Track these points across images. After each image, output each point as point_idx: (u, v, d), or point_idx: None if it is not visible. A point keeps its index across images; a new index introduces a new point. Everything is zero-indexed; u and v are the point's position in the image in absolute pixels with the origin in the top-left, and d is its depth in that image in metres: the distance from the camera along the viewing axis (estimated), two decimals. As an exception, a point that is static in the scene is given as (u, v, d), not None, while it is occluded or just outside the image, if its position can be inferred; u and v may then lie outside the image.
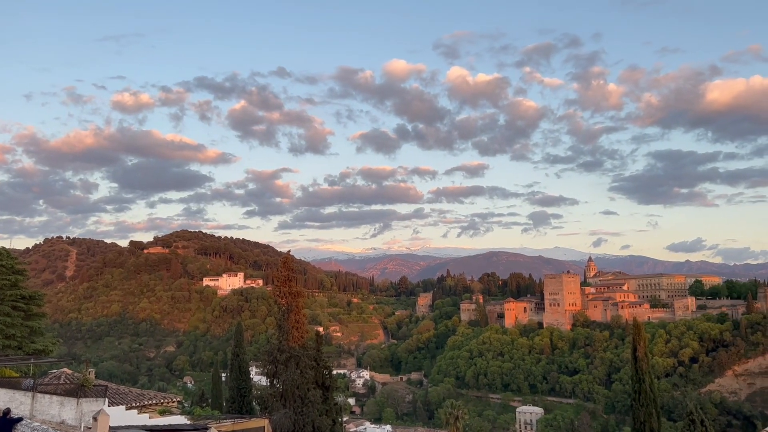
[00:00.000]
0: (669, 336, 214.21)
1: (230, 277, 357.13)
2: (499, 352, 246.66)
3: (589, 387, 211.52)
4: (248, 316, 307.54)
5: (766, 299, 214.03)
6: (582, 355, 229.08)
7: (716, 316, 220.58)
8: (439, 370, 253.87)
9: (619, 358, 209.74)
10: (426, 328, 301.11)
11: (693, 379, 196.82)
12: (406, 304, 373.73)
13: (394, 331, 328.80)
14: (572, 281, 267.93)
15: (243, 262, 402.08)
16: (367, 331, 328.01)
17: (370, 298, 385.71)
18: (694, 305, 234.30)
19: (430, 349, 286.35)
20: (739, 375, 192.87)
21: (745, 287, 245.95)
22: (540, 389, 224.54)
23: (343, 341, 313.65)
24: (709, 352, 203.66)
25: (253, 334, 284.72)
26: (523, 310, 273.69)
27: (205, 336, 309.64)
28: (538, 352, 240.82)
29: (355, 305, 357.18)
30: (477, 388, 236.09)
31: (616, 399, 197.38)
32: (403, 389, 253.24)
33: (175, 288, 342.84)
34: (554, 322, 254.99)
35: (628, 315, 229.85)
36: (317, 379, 54.58)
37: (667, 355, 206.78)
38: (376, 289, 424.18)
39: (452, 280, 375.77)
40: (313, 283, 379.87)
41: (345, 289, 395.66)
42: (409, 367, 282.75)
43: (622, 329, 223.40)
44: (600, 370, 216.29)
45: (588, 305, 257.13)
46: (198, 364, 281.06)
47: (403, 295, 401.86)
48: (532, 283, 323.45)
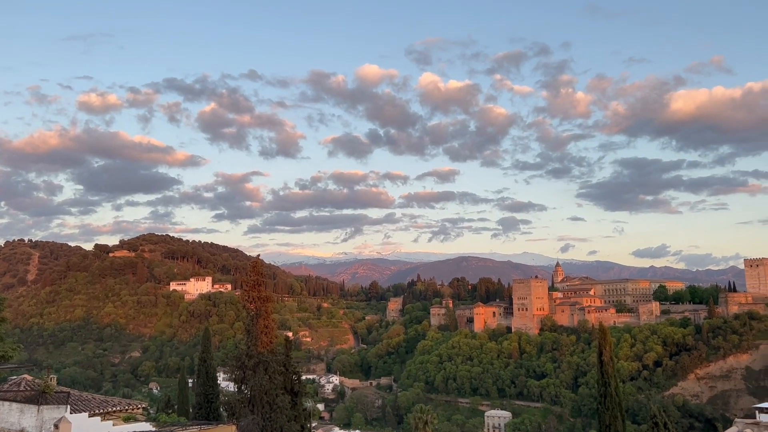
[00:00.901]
0: (634, 340, 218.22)
1: (198, 281, 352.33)
2: (468, 357, 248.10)
3: (557, 391, 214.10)
4: (216, 321, 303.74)
5: (727, 304, 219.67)
6: (549, 360, 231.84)
7: (679, 320, 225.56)
8: (408, 374, 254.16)
9: (586, 362, 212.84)
10: (396, 332, 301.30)
11: (657, 382, 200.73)
12: (377, 308, 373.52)
13: (364, 336, 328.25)
14: (540, 286, 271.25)
15: (211, 267, 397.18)
16: (336, 336, 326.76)
17: (340, 303, 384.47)
18: (658, 310, 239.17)
19: (400, 354, 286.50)
20: (701, 378, 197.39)
21: (706, 293, 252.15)
22: (508, 393, 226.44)
23: (312, 346, 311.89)
24: (673, 356, 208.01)
25: (221, 339, 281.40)
26: (492, 315, 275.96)
27: (171, 341, 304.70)
28: (507, 357, 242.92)
29: (325, 310, 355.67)
30: (446, 393, 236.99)
31: (583, 402, 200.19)
32: (372, 394, 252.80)
33: (141, 292, 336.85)
34: (522, 326, 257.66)
35: (595, 319, 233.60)
36: (286, 384, 54.00)
37: (632, 359, 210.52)
38: (346, 294, 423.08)
39: (422, 285, 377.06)
40: (283, 288, 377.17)
41: (315, 294, 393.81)
42: (378, 372, 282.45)
43: (589, 333, 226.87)
44: (567, 374, 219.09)
45: (555, 310, 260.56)
46: (164, 370, 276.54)
47: (373, 299, 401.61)
48: (501, 287, 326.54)
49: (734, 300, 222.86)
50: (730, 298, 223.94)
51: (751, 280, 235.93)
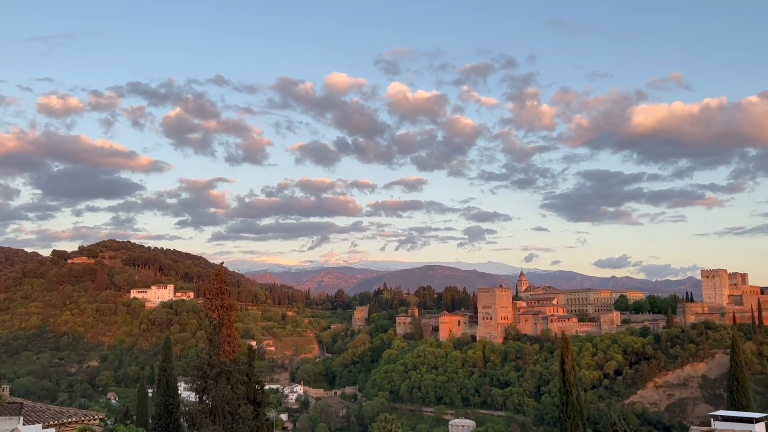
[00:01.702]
0: (595, 349, 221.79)
1: (159, 289, 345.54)
2: (433, 366, 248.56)
3: (520, 399, 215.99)
4: (178, 329, 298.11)
5: (685, 314, 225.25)
6: (513, 368, 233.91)
7: (639, 330, 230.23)
8: (373, 384, 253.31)
9: (549, 370, 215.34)
10: (361, 341, 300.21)
11: (617, 391, 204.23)
12: (342, 317, 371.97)
13: (330, 345, 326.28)
14: (504, 295, 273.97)
15: (173, 274, 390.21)
16: (301, 345, 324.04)
17: (305, 312, 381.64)
18: (618, 319, 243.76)
19: (365, 363, 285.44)
20: (660, 386, 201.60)
21: (665, 302, 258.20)
22: (472, 402, 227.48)
23: (276, 355, 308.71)
24: (632, 365, 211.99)
25: (183, 348, 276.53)
26: (457, 324, 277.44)
27: (131, 350, 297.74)
28: (471, 365, 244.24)
29: (289, 319, 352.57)
30: (411, 402, 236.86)
31: (545, 411, 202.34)
32: (336, 404, 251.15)
33: (100, 300, 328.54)
34: (487, 335, 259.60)
35: (557, 328, 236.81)
36: (248, 394, 53.19)
37: (593, 367, 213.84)
38: (312, 303, 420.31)
39: (389, 294, 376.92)
40: (247, 296, 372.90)
41: (280, 303, 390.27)
42: (343, 381, 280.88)
43: (552, 342, 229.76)
44: (530, 382, 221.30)
45: (519, 319, 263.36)
46: (123, 380, 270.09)
47: (339, 308, 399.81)
48: (467, 296, 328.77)
49: (691, 310, 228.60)
50: (687, 308, 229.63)
51: (708, 291, 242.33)
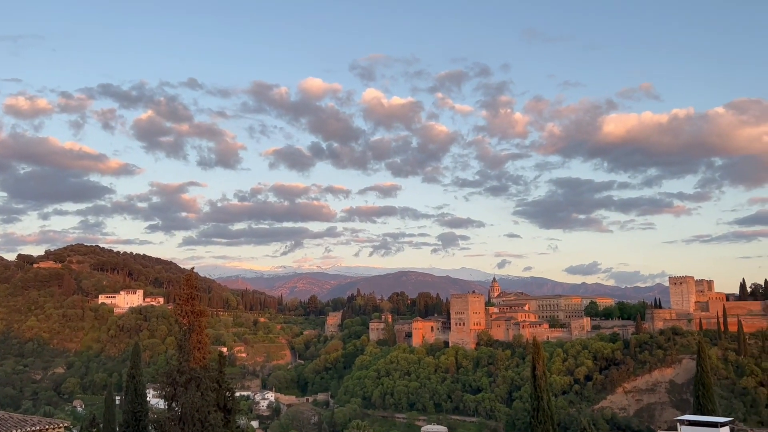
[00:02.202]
0: (566, 355, 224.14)
1: (128, 294, 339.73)
2: (406, 372, 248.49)
3: (492, 405, 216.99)
4: (147, 335, 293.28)
5: (653, 320, 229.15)
6: (485, 374, 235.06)
7: (609, 335, 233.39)
8: (346, 390, 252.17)
9: (520, 376, 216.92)
10: (334, 347, 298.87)
11: (587, 396, 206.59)
12: (315, 323, 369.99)
13: (302, 352, 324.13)
14: (477, 301, 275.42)
15: (143, 279, 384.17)
16: (273, 351, 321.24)
17: (277, 318, 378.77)
18: (589, 325, 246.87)
19: (337, 370, 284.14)
20: (629, 392, 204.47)
21: (634, 309, 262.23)
22: (445, 408, 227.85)
23: (248, 362, 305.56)
24: (602, 370, 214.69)
25: (152, 354, 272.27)
26: (430, 330, 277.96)
27: (98, 357, 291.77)
28: (444, 371, 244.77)
29: (261, 325, 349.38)
30: (383, 408, 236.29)
31: (517, 416, 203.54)
32: (308, 411, 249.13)
33: (67, 305, 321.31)
34: (459, 341, 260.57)
35: (529, 334, 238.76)
36: (219, 401, 52.52)
37: (564, 373, 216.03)
38: (284, 308, 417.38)
39: (362, 300, 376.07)
40: (218, 302, 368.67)
41: (252, 308, 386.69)
42: (315, 387, 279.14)
43: (523, 348, 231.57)
44: (502, 388, 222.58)
45: (492, 325, 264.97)
46: (90, 387, 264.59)
47: (312, 314, 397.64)
48: (440, 302, 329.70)
49: (660, 316, 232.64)
50: (656, 314, 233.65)
51: (675, 297, 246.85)
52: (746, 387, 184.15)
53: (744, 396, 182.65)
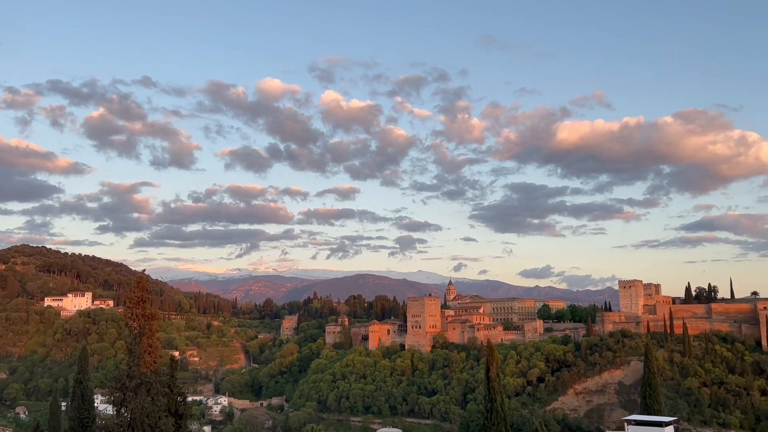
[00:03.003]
0: (519, 357, 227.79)
1: (76, 297, 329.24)
2: (362, 375, 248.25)
3: (446, 407, 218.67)
4: (95, 339, 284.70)
5: (603, 323, 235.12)
6: (440, 376, 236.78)
7: (561, 338, 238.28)
8: (301, 394, 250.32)
9: (475, 378, 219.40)
10: (290, 351, 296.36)
11: (540, 397, 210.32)
12: (271, 326, 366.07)
13: (256, 355, 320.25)
14: (433, 304, 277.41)
15: (92, 281, 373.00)
16: (227, 355, 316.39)
17: (232, 321, 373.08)
18: (542, 328, 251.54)
19: (293, 373, 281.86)
20: (579, 393, 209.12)
21: (585, 312, 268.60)
22: (400, 411, 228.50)
23: (200, 366, 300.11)
24: (554, 372, 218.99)
25: (100, 359, 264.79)
26: (386, 332, 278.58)
27: (43, 361, 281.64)
28: (400, 374, 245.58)
29: (215, 328, 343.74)
30: (339, 412, 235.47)
31: (471, 418, 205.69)
32: (262, 415, 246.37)
33: (10, 308, 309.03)
34: (416, 343, 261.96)
35: (483, 337, 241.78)
36: (170, 406, 51.49)
37: (517, 375, 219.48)
38: (239, 312, 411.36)
39: (319, 303, 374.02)
40: (171, 305, 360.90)
41: (205, 312, 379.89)
42: (270, 392, 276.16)
43: (478, 350, 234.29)
44: (456, 390, 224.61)
45: (447, 327, 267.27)
46: (34, 393, 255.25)
47: (267, 317, 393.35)
48: (397, 305, 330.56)
49: (609, 319, 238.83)
50: (605, 317, 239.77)
51: (624, 301, 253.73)
52: (690, 387, 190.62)
53: (688, 396, 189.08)
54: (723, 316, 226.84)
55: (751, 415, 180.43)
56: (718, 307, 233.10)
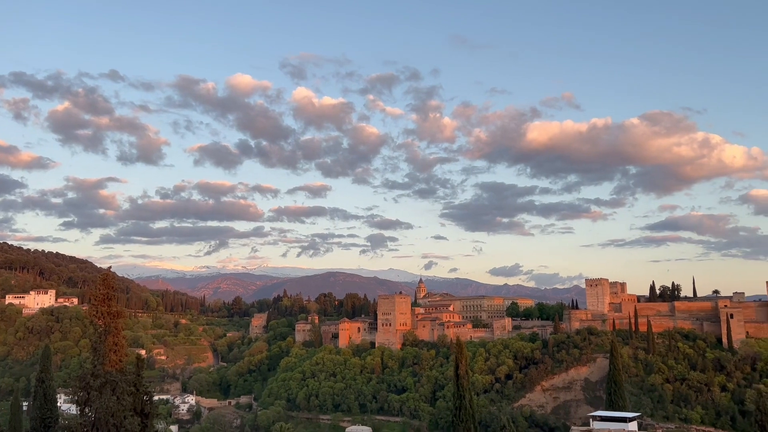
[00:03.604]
0: (488, 354, 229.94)
1: (39, 294, 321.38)
2: (331, 373, 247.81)
3: (416, 405, 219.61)
4: (59, 338, 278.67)
5: (570, 321, 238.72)
6: (410, 374, 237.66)
7: (529, 335, 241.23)
8: (270, 392, 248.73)
9: (444, 375, 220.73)
10: (259, 349, 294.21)
11: (508, 394, 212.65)
12: (240, 325, 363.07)
13: (225, 354, 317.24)
14: (404, 302, 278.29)
15: (56, 279, 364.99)
16: (194, 353, 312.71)
17: (200, 319, 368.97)
18: (510, 326, 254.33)
19: (262, 372, 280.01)
20: (547, 390, 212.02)
21: (553, 309, 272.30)
22: (370, 408, 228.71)
23: (167, 365, 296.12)
24: (522, 369, 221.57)
25: (64, 358, 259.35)
26: (357, 330, 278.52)
27: (4, 360, 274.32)
28: (370, 372, 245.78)
29: (182, 326, 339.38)
30: (308, 410, 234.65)
31: (440, 416, 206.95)
32: (231, 414, 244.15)
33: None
34: (386, 341, 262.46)
35: (453, 334, 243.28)
36: (136, 405, 50.68)
37: (486, 372, 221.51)
38: (207, 310, 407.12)
39: (289, 301, 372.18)
40: (137, 303, 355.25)
41: (172, 310, 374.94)
42: (238, 390, 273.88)
43: (447, 348, 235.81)
44: (426, 387, 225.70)
45: (417, 325, 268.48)
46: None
47: (236, 315, 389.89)
48: (367, 303, 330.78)
49: (576, 317, 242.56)
50: (573, 315, 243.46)
51: (591, 299, 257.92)
52: (654, 384, 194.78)
53: (652, 392, 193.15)
54: (686, 314, 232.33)
55: (712, 410, 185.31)
56: (681, 306, 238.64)
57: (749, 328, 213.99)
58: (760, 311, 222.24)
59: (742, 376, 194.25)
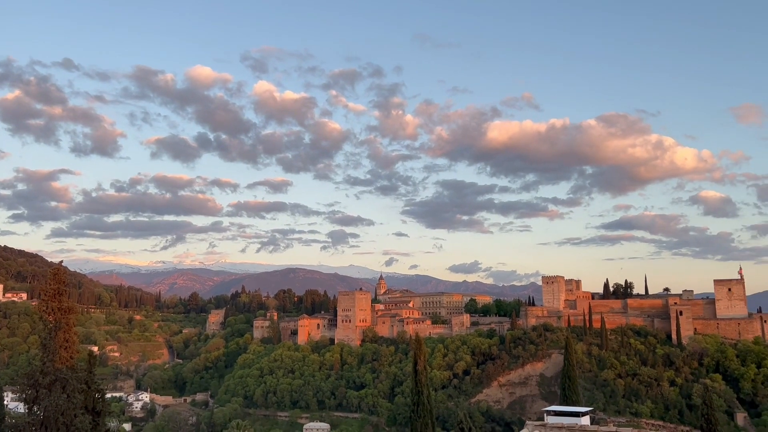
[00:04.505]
0: (446, 350, 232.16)
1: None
2: (290, 370, 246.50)
3: (374, 401, 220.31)
4: (6, 334, 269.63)
5: (527, 317, 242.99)
6: (369, 370, 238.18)
7: (486, 331, 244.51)
8: (226, 389, 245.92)
9: (403, 371, 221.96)
10: (216, 346, 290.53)
11: (465, 390, 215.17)
12: (196, 321, 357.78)
13: (181, 351, 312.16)
14: (364, 298, 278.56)
15: (4, 273, 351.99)
16: (149, 350, 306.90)
17: (155, 315, 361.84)
18: (468, 322, 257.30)
19: (219, 369, 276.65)
20: (503, 385, 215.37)
21: (510, 306, 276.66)
22: (328, 405, 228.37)
23: (121, 362, 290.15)
24: (480, 365, 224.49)
25: (11, 354, 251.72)
26: (316, 327, 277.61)
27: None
28: (329, 368, 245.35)
29: (137, 323, 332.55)
30: (266, 407, 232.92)
31: (398, 411, 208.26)
32: (186, 411, 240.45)
33: None
34: (345, 338, 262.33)
35: (412, 331, 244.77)
36: (87, 403, 49.41)
37: (444, 368, 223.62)
38: (162, 306, 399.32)
39: (247, 297, 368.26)
40: (90, 298, 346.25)
41: (127, 305, 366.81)
42: (194, 387, 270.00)
43: (407, 344, 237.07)
44: (385, 384, 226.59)
45: (377, 321, 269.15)
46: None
47: (193, 311, 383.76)
48: (327, 300, 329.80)
49: (533, 313, 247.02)
50: (529, 312, 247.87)
51: (547, 296, 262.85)
52: (606, 379, 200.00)
53: (605, 387, 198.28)
54: (638, 311, 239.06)
55: (661, 404, 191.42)
56: (633, 303, 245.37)
57: (697, 325, 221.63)
58: (708, 308, 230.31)
59: (689, 371, 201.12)
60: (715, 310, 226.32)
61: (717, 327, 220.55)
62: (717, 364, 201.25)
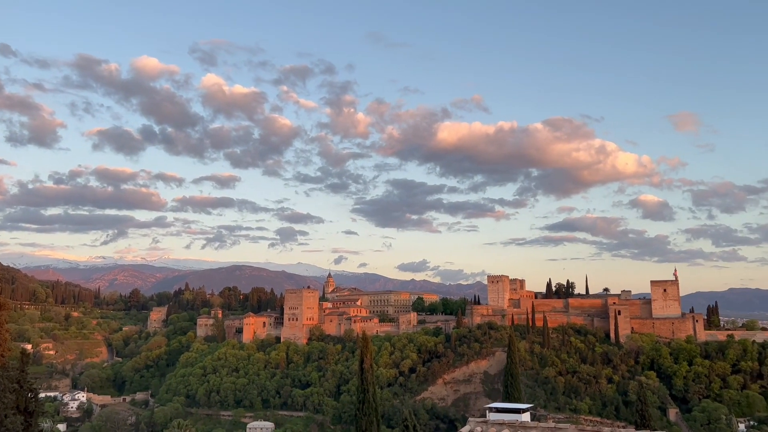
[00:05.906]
0: (393, 348, 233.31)
1: None
2: (234, 368, 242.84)
3: (320, 399, 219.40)
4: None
5: (472, 316, 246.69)
6: (315, 369, 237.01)
7: (433, 329, 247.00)
8: (168, 388, 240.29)
9: (349, 370, 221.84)
10: (157, 344, 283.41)
11: (411, 387, 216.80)
12: (137, 318, 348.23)
13: (121, 349, 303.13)
14: (311, 296, 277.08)
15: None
16: (87, 348, 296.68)
17: (93, 312, 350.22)
18: (415, 320, 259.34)
19: (160, 367, 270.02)
20: (448, 383, 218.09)
21: (456, 305, 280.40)
22: (273, 404, 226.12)
23: (57, 360, 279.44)
24: (425, 363, 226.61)
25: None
26: (262, 325, 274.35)
27: None
28: (274, 367, 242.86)
29: (74, 320, 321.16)
30: (208, 406, 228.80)
31: (344, 410, 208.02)
32: (125, 411, 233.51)
33: None
34: (292, 336, 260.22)
35: (360, 329, 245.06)
36: (19, 403, 47.38)
37: (390, 366, 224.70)
38: (101, 302, 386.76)
39: (190, 294, 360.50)
40: (24, 294, 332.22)
41: (64, 302, 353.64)
42: (134, 386, 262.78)
43: (354, 342, 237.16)
44: (331, 382, 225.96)
45: (325, 320, 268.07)
46: None
47: (134, 309, 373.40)
48: (274, 297, 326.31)
49: (478, 312, 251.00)
50: (474, 310, 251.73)
51: (492, 294, 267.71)
52: (548, 377, 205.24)
53: (546, 384, 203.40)
54: (578, 311, 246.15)
55: (599, 401, 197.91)
56: (574, 302, 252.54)
57: (634, 324, 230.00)
58: (644, 308, 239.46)
59: (626, 369, 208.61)
60: (651, 309, 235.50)
61: (653, 326, 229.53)
62: (652, 362, 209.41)
